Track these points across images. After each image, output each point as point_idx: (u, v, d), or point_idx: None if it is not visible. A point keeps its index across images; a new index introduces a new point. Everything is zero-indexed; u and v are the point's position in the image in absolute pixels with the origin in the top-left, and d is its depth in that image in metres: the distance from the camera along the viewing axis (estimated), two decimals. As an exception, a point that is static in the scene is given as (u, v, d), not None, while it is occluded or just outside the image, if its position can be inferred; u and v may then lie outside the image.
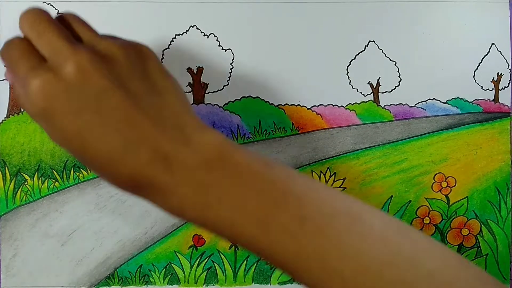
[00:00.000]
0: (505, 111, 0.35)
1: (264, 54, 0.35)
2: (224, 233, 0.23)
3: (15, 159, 0.34)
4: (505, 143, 0.35)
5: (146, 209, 0.35)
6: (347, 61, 0.35)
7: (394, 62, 0.35)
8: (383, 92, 0.35)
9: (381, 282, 0.21)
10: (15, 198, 0.34)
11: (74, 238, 0.34)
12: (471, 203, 0.35)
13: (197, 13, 0.34)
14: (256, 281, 0.35)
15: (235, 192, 0.22)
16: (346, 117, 0.35)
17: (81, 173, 0.34)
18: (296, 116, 0.35)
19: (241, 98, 0.35)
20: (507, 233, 0.36)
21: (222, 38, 0.34)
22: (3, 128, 0.34)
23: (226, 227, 0.23)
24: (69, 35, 0.24)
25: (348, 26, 0.35)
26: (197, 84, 0.35)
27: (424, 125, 0.35)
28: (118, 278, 0.35)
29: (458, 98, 0.35)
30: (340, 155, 0.35)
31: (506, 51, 0.35)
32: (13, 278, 0.34)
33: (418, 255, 0.22)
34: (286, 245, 0.22)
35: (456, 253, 0.24)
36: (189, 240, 0.35)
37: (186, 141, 0.23)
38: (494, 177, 0.35)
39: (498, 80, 0.35)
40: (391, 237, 0.22)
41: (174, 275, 0.35)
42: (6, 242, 0.34)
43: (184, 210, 0.23)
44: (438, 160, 0.35)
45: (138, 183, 0.23)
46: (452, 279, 0.22)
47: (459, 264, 0.22)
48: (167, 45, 0.34)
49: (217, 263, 0.35)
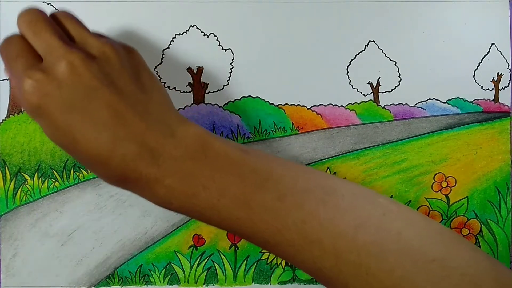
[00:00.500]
0: (505, 111, 0.35)
1: (264, 54, 0.35)
2: (210, 219, 0.25)
3: (15, 159, 0.34)
4: (505, 143, 0.35)
5: (146, 209, 0.35)
6: (347, 61, 0.35)
7: (394, 62, 0.35)
8: (383, 92, 0.35)
9: (356, 245, 0.23)
10: (15, 198, 0.34)
11: (74, 238, 0.34)
12: (471, 203, 0.35)
13: (197, 13, 0.34)
14: (256, 281, 0.35)
15: (218, 178, 0.24)
16: (346, 117, 0.35)
17: (81, 173, 0.34)
18: (296, 116, 0.35)
19: (241, 98, 0.35)
20: (507, 233, 0.36)
21: (222, 38, 0.34)
22: (3, 128, 0.34)
23: (212, 212, 0.24)
24: (64, 35, 0.25)
25: (348, 26, 0.35)
26: (197, 84, 0.35)
27: (424, 125, 0.35)
28: (118, 278, 0.35)
29: (458, 98, 0.35)
30: (340, 155, 0.35)
31: (506, 51, 0.35)
32: (13, 278, 0.34)
33: (386, 218, 0.24)
34: (268, 222, 0.24)
35: (420, 213, 0.26)
36: (189, 240, 0.35)
37: (171, 134, 0.24)
38: (494, 177, 0.35)
39: (498, 80, 0.35)
40: (361, 203, 0.25)
41: (174, 275, 0.35)
42: (6, 242, 0.34)
43: (171, 200, 0.24)
44: (438, 160, 0.35)
45: (126, 177, 0.24)
46: (417, 235, 0.24)
47: (423, 222, 0.25)
48: (167, 45, 0.34)
49: (217, 263, 0.35)
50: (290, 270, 0.35)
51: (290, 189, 0.24)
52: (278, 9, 0.34)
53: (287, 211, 0.24)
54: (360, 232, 0.23)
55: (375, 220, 0.24)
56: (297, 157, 0.35)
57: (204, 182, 0.24)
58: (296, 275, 0.35)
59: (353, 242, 0.23)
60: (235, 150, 0.25)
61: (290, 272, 0.35)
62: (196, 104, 0.35)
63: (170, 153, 0.24)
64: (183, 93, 0.35)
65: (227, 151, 0.25)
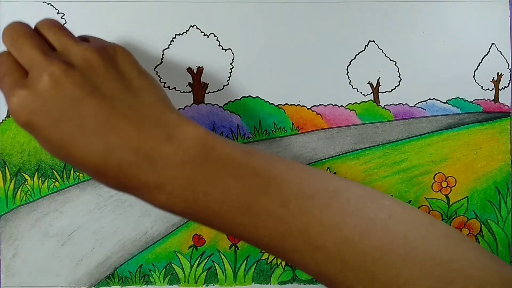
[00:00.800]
0: (505, 111, 0.35)
1: (264, 54, 0.35)
2: (212, 224, 0.24)
3: (15, 159, 0.34)
4: (505, 143, 0.35)
5: (146, 209, 0.35)
6: (347, 61, 0.35)
7: (394, 62, 0.35)
8: (383, 92, 0.35)
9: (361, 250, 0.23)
10: (15, 198, 0.34)
11: (74, 238, 0.34)
12: (471, 203, 0.35)
13: (197, 13, 0.34)
14: (256, 281, 0.35)
15: (220, 183, 0.23)
16: (346, 117, 0.35)
17: (81, 173, 0.34)
18: (296, 116, 0.35)
19: (241, 98, 0.35)
20: (507, 233, 0.36)
21: (222, 38, 0.34)
22: (3, 128, 0.34)
23: (214, 217, 0.24)
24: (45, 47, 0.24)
25: (348, 26, 0.35)
26: (197, 84, 0.35)
27: (424, 125, 0.35)
28: (118, 278, 0.35)
29: (458, 98, 0.35)
30: (340, 155, 0.35)
31: (506, 51, 0.35)
32: (13, 278, 0.34)
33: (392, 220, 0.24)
34: (271, 227, 0.23)
35: (425, 213, 0.26)
36: (189, 240, 0.35)
37: (168, 138, 0.23)
38: (494, 177, 0.35)
39: (498, 80, 0.35)
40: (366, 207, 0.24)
41: (174, 275, 0.35)
42: (6, 242, 0.34)
43: (172, 205, 0.24)
44: (438, 160, 0.35)
45: (125, 185, 0.23)
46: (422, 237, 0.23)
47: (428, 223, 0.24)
48: (167, 45, 0.34)
49: (217, 263, 0.35)
50: (290, 270, 0.35)
51: (294, 194, 0.24)
52: (278, 9, 0.34)
53: (291, 217, 0.23)
54: (366, 237, 0.23)
55: (381, 224, 0.23)
56: (297, 157, 0.35)
57: (205, 188, 0.23)
58: (296, 275, 0.35)
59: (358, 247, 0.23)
60: (237, 151, 0.24)
61: (290, 272, 0.35)
62: (196, 104, 0.35)
63: (168, 158, 0.23)
64: (183, 93, 0.35)
65: (228, 153, 0.24)
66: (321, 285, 0.36)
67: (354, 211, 0.24)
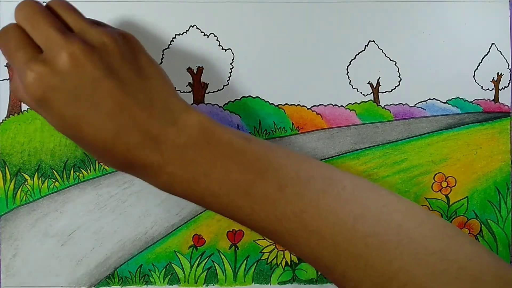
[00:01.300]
0: (505, 111, 0.35)
1: (264, 54, 0.35)
2: (211, 206, 0.25)
3: (15, 159, 0.34)
4: (505, 143, 0.35)
5: (146, 209, 0.35)
6: (347, 61, 0.35)
7: (394, 62, 0.35)
8: (383, 92, 0.35)
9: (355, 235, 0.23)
10: (15, 198, 0.34)
11: (74, 238, 0.34)
12: (471, 203, 0.35)
13: (197, 13, 0.34)
14: (256, 281, 0.35)
15: (220, 166, 0.24)
16: (346, 117, 0.35)
17: (81, 173, 0.34)
18: (296, 116, 0.35)
19: (241, 98, 0.35)
20: (507, 233, 0.36)
21: (222, 38, 0.34)
22: (3, 128, 0.34)
23: (213, 199, 0.25)
24: (62, 26, 0.25)
25: (348, 26, 0.35)
26: (197, 84, 0.35)
27: (424, 125, 0.35)
28: (118, 278, 0.35)
29: (458, 98, 0.35)
30: (340, 155, 0.35)
31: (506, 51, 0.35)
32: (13, 278, 0.34)
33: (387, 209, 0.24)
34: (267, 210, 0.24)
35: (421, 206, 0.26)
36: (189, 240, 0.35)
37: (173, 122, 0.24)
38: (494, 177, 0.35)
39: (498, 80, 0.35)
40: (362, 194, 0.25)
41: (174, 275, 0.35)
42: (6, 242, 0.34)
43: (174, 186, 0.25)
44: (438, 160, 0.35)
45: (131, 164, 0.25)
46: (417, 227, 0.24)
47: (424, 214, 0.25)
48: (167, 45, 0.34)
49: (217, 263, 0.35)
50: (290, 270, 0.35)
51: (291, 179, 0.24)
52: (278, 9, 0.34)
53: (287, 201, 0.24)
54: (360, 223, 0.23)
55: (376, 212, 0.24)
56: (297, 157, 0.35)
57: (206, 170, 0.24)
58: (296, 275, 0.35)
59: (352, 233, 0.23)
60: (237, 137, 0.25)
61: (290, 272, 0.35)
62: (196, 104, 0.35)
63: (172, 141, 0.24)
64: (183, 93, 0.35)
65: (229, 138, 0.25)
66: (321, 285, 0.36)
67: (349, 198, 0.24)
